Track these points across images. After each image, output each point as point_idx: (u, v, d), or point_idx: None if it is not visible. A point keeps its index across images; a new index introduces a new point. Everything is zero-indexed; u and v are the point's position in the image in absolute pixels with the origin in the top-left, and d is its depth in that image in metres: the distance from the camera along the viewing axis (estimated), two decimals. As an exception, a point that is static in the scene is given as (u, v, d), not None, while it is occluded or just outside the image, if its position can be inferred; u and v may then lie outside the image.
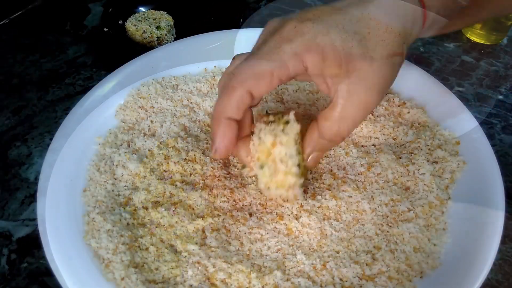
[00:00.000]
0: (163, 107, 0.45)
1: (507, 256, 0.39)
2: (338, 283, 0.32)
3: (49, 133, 0.50)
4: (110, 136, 0.42)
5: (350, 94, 0.30)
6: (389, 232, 0.35)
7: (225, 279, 0.31)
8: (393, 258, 0.33)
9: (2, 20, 0.66)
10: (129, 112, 0.44)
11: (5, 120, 0.52)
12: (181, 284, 0.31)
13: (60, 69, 0.59)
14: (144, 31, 0.57)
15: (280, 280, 0.31)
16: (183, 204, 0.36)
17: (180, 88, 0.47)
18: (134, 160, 0.39)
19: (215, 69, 0.50)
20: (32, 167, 0.47)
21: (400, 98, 0.45)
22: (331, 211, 0.36)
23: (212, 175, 0.39)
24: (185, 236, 0.34)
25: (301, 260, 0.33)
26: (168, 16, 0.61)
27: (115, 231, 0.34)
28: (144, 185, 0.38)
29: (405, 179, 0.38)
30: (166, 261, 0.33)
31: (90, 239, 0.34)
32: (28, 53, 0.61)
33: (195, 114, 0.44)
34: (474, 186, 0.37)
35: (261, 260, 0.33)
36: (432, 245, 0.34)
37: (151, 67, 0.48)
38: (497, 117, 0.53)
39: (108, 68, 0.49)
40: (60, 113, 0.53)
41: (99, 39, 0.62)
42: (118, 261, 0.32)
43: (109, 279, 0.31)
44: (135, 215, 0.36)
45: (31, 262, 0.39)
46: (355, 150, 0.41)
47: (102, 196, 0.37)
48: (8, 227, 0.41)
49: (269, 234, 0.35)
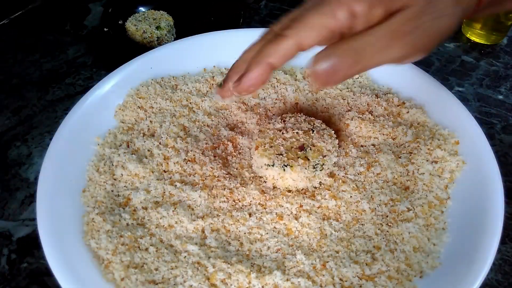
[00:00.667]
0: (163, 107, 0.45)
1: (507, 256, 0.39)
2: (338, 283, 0.32)
3: (49, 133, 0.50)
4: (110, 137, 0.42)
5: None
6: (389, 232, 0.35)
7: (225, 279, 0.31)
8: (392, 257, 0.33)
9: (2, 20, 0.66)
10: (128, 113, 0.44)
11: (5, 120, 0.52)
12: (181, 284, 0.31)
13: (60, 69, 0.59)
14: (144, 31, 0.57)
15: (280, 280, 0.31)
16: (183, 204, 0.36)
17: (180, 88, 0.47)
18: (133, 160, 0.39)
19: (214, 69, 0.50)
20: (32, 167, 0.47)
21: (399, 98, 0.45)
22: (331, 211, 0.36)
23: (211, 175, 0.39)
24: (184, 236, 0.34)
25: (301, 260, 0.33)
26: (168, 16, 0.61)
27: (114, 232, 0.34)
28: (144, 186, 0.38)
29: (404, 179, 0.38)
30: (166, 262, 0.33)
31: (89, 239, 0.34)
32: (28, 53, 0.61)
33: (194, 114, 0.44)
34: (474, 186, 0.37)
35: (261, 260, 0.33)
36: (432, 244, 0.34)
37: (151, 67, 0.48)
38: (497, 117, 0.53)
39: (108, 68, 0.49)
40: (60, 113, 0.53)
41: (99, 39, 0.62)
42: (118, 261, 0.32)
43: (109, 279, 0.31)
44: (135, 216, 0.36)
45: (31, 262, 0.39)
46: (355, 150, 0.41)
47: (102, 196, 0.37)
48: (8, 227, 0.41)
49: (269, 234, 0.35)
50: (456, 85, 0.57)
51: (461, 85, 0.57)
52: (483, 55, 0.62)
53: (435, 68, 0.59)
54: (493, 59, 0.61)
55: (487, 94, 0.56)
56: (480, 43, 0.63)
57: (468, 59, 0.61)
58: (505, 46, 0.63)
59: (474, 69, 0.60)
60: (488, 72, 0.59)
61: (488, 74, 0.59)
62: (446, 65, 0.60)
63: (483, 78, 0.58)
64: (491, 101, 0.55)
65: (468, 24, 0.64)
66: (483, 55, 0.62)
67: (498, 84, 0.57)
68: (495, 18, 0.60)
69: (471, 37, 0.64)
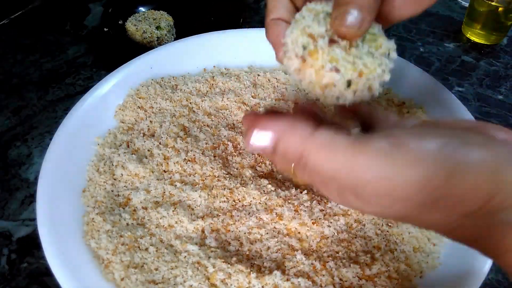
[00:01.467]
0: (163, 107, 0.45)
1: (507, 256, 0.39)
2: (338, 283, 0.32)
3: (49, 133, 0.50)
4: (110, 137, 0.42)
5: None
6: (389, 232, 0.35)
7: (225, 279, 0.31)
8: (392, 258, 0.33)
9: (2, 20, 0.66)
10: (128, 113, 0.44)
11: (5, 120, 0.52)
12: (181, 284, 0.31)
13: (60, 69, 0.59)
14: (144, 31, 0.57)
15: (280, 280, 0.31)
16: (183, 204, 0.36)
17: (180, 88, 0.47)
18: (133, 160, 0.39)
19: (214, 69, 0.50)
20: (32, 167, 0.47)
21: (399, 98, 0.45)
22: (331, 211, 0.36)
23: (211, 175, 0.39)
24: (184, 236, 0.34)
25: (301, 260, 0.33)
26: (168, 16, 0.61)
27: (114, 232, 0.34)
28: (144, 186, 0.38)
29: (404, 179, 0.38)
30: (166, 262, 0.33)
31: (89, 239, 0.34)
32: (28, 53, 0.61)
33: (194, 114, 0.44)
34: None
35: (261, 260, 0.33)
36: (432, 245, 0.34)
37: (151, 67, 0.48)
38: (497, 117, 0.53)
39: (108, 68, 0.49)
40: (60, 113, 0.53)
41: (99, 39, 0.62)
42: (118, 261, 0.32)
43: (109, 279, 0.31)
44: (135, 216, 0.36)
45: (31, 262, 0.39)
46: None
47: (102, 196, 0.37)
48: (8, 227, 0.41)
49: (269, 234, 0.35)
50: (456, 85, 0.57)
51: (461, 85, 0.57)
52: (483, 55, 0.62)
53: (435, 68, 0.59)
54: (493, 59, 0.61)
55: (487, 94, 0.56)
56: (480, 43, 0.63)
57: (468, 59, 0.61)
58: (505, 46, 0.63)
59: (474, 69, 0.60)
60: (488, 72, 0.59)
61: (488, 74, 0.59)
62: (446, 65, 0.60)
63: (483, 78, 0.58)
64: (491, 101, 0.55)
65: (468, 24, 0.64)
66: (483, 55, 0.62)
67: (498, 84, 0.57)
68: (495, 18, 0.60)
69: (471, 37, 0.64)
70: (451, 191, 0.19)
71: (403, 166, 0.19)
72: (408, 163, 0.19)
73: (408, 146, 0.19)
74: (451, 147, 0.19)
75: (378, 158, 0.19)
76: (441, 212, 0.20)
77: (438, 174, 0.19)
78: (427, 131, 0.21)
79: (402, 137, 0.20)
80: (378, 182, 0.19)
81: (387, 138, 0.20)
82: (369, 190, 0.20)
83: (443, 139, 0.19)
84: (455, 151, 0.19)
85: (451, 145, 0.19)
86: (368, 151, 0.19)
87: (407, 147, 0.19)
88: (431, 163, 0.19)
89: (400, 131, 0.21)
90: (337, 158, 0.20)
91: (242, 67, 0.51)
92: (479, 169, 0.19)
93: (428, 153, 0.19)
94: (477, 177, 0.19)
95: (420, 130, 0.21)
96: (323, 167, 0.21)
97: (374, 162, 0.19)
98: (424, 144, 0.19)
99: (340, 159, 0.20)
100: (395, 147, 0.19)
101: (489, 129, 0.22)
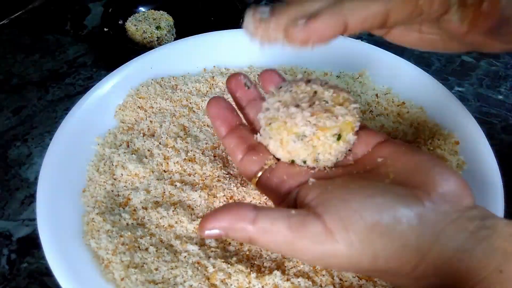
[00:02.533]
0: (163, 107, 0.45)
1: (506, 256, 0.39)
2: (337, 283, 0.32)
3: (49, 133, 0.50)
4: (110, 137, 0.42)
5: None
6: (389, 232, 0.35)
7: (225, 279, 0.31)
8: (392, 258, 0.33)
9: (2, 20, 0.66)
10: (128, 112, 0.44)
11: (5, 120, 0.52)
12: (181, 284, 0.31)
13: (60, 69, 0.59)
14: (144, 31, 0.57)
15: (280, 280, 0.31)
16: (183, 204, 0.36)
17: (180, 88, 0.47)
18: (133, 160, 0.39)
19: (214, 69, 0.50)
20: (32, 167, 0.47)
21: (399, 98, 0.45)
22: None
23: (211, 175, 0.39)
24: (184, 236, 0.34)
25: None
26: (168, 16, 0.61)
27: (114, 232, 0.34)
28: (144, 185, 0.38)
29: (404, 179, 0.38)
30: (166, 262, 0.33)
31: (89, 239, 0.34)
32: (28, 53, 0.61)
33: (194, 114, 0.44)
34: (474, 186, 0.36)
35: (261, 260, 0.33)
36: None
37: (151, 67, 0.48)
38: (497, 117, 0.53)
39: (108, 68, 0.49)
40: (60, 113, 0.53)
41: (99, 39, 0.62)
42: (118, 261, 0.32)
43: (109, 279, 0.31)
44: (135, 216, 0.36)
45: (31, 262, 0.39)
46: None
47: (102, 196, 0.37)
48: (8, 227, 0.41)
49: (269, 234, 0.35)
50: (456, 85, 0.57)
51: (461, 85, 0.57)
52: (483, 55, 0.62)
53: (435, 68, 0.59)
54: (493, 59, 0.61)
55: (487, 94, 0.56)
56: (480, 43, 0.63)
57: (468, 59, 0.61)
58: (505, 46, 0.63)
59: (474, 69, 0.60)
60: (488, 72, 0.59)
61: (488, 74, 0.59)
62: (446, 65, 0.60)
63: (483, 78, 0.58)
64: (491, 101, 0.55)
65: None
66: (483, 55, 0.62)
67: (498, 84, 0.57)
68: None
69: (471, 37, 0.64)
70: (376, 268, 0.23)
71: (336, 251, 0.22)
72: (338, 248, 0.22)
73: (340, 233, 0.22)
74: (376, 233, 0.22)
75: (313, 245, 0.22)
76: (393, 277, 0.24)
77: (362, 259, 0.22)
78: (357, 202, 0.23)
79: (336, 221, 0.23)
80: (317, 261, 0.24)
81: (323, 223, 0.23)
82: (316, 263, 0.25)
83: (370, 219, 0.22)
84: (381, 234, 0.22)
85: (378, 228, 0.22)
86: (304, 237, 0.22)
87: (340, 234, 0.22)
88: (356, 249, 0.22)
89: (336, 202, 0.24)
90: (279, 244, 0.23)
91: (242, 67, 0.51)
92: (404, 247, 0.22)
93: (354, 238, 0.22)
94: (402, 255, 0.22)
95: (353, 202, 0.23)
96: (271, 248, 0.24)
97: (310, 247, 0.22)
98: (352, 228, 0.22)
99: (282, 246, 0.23)
100: (328, 234, 0.22)
101: (432, 182, 0.25)
